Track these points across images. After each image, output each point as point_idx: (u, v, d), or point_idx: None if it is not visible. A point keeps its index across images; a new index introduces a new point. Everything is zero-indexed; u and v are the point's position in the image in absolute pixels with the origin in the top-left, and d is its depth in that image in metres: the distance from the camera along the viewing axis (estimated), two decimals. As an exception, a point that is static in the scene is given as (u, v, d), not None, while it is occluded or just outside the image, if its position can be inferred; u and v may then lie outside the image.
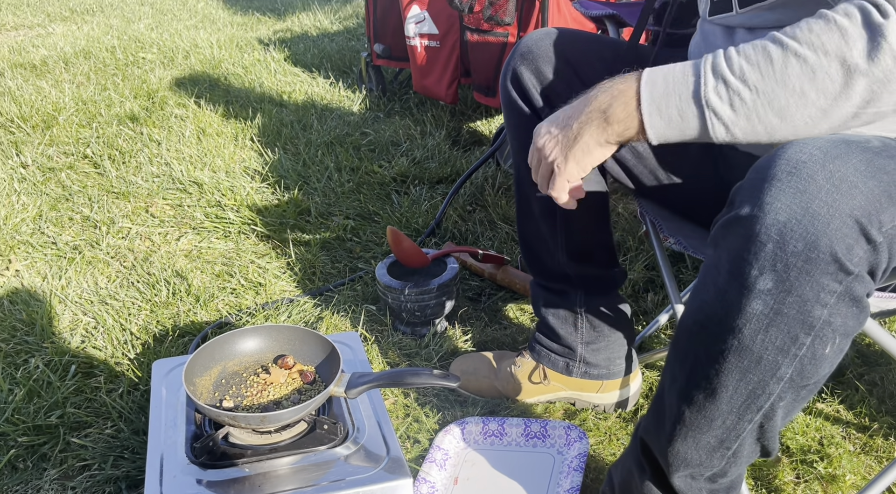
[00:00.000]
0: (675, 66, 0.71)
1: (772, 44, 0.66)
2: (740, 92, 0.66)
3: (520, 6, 2.08)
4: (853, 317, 0.63)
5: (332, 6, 4.25)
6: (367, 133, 2.37)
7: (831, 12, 0.65)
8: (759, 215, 0.61)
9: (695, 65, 0.69)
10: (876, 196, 0.60)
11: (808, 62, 0.64)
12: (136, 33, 3.60)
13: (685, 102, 0.68)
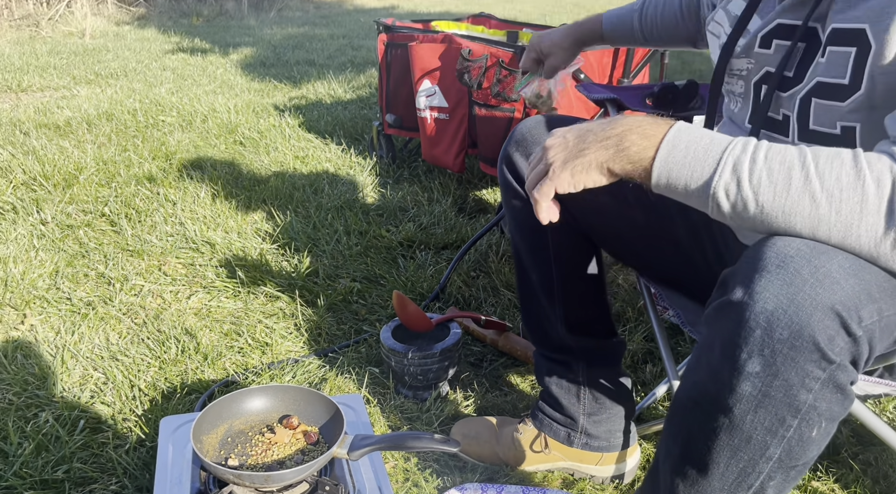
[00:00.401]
0: (703, 138, 0.71)
1: (799, 168, 0.66)
2: (747, 202, 0.67)
3: (526, 83, 2.18)
4: (838, 403, 0.67)
5: (347, 76, 4.43)
6: (376, 198, 2.44)
7: (867, 167, 0.65)
8: (750, 302, 0.65)
9: (721, 147, 0.69)
10: (856, 293, 0.64)
11: (819, 210, 0.65)
12: (158, 97, 3.75)
13: (695, 182, 0.70)
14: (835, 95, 0.76)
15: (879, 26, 0.71)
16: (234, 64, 4.82)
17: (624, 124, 0.74)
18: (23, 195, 2.36)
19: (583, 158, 0.75)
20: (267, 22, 7.18)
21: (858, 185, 0.64)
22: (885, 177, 0.64)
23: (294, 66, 4.78)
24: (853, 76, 0.74)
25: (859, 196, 0.64)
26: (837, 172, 0.65)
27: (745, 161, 0.67)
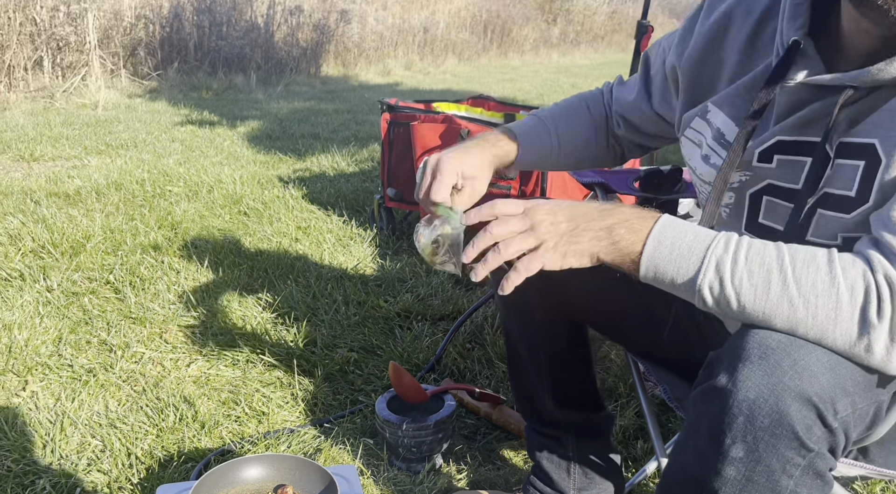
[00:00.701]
0: (687, 233, 0.75)
1: (777, 271, 0.70)
2: (730, 300, 0.72)
3: (521, 162, 2.28)
4: (818, 488, 0.70)
5: (350, 149, 4.58)
6: (376, 269, 2.50)
7: (841, 273, 0.68)
8: (734, 389, 0.68)
9: (704, 244, 0.73)
10: (832, 387, 0.67)
11: (797, 314, 0.69)
12: (166, 167, 3.87)
13: (681, 277, 0.74)
14: (841, 206, 0.78)
15: (889, 141, 0.74)
16: (241, 136, 4.98)
17: (613, 216, 0.78)
18: (31, 263, 2.42)
19: (577, 245, 0.78)
20: (274, 96, 7.44)
21: (833, 291, 0.68)
22: (858, 284, 0.68)
23: (299, 139, 4.94)
24: (861, 189, 0.76)
25: (834, 303, 0.68)
26: (813, 278, 0.69)
27: (728, 261, 0.72)
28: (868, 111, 0.76)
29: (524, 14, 15.42)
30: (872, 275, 0.68)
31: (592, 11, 18.26)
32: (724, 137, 0.92)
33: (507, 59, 13.73)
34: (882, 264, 0.68)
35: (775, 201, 0.87)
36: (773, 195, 0.87)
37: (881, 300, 0.67)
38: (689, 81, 0.97)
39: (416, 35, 11.80)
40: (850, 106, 0.78)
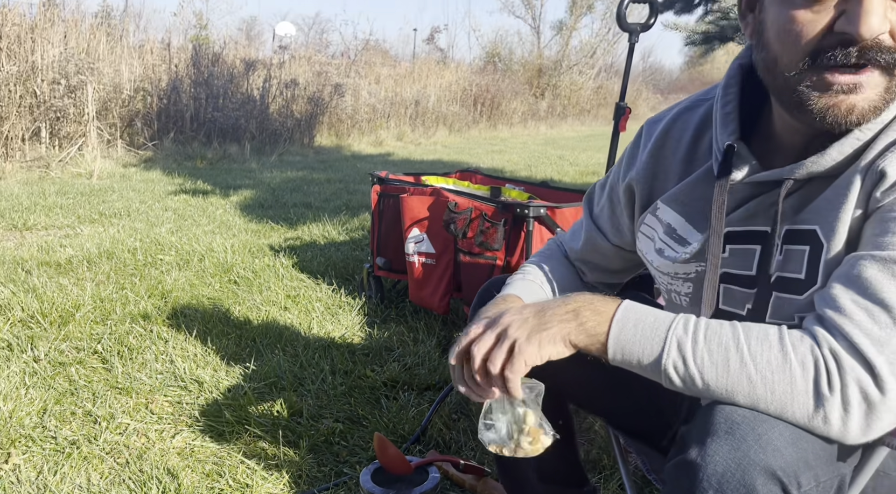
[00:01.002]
0: (648, 315, 0.79)
1: (734, 350, 0.74)
2: (694, 378, 0.76)
3: (507, 234, 2.35)
4: None
5: (341, 218, 4.66)
6: (363, 338, 2.52)
7: (792, 350, 0.72)
8: (703, 463, 0.71)
9: (665, 325, 0.78)
10: (795, 461, 0.70)
11: (756, 391, 0.73)
12: (158, 236, 3.92)
13: (646, 358, 0.78)
14: (794, 289, 0.83)
15: (827, 226, 0.79)
16: (234, 205, 5.06)
17: (577, 301, 0.83)
18: (19, 332, 2.43)
19: (548, 331, 0.81)
20: (268, 165, 7.59)
21: (786, 368, 0.72)
22: (808, 359, 0.72)
23: (291, 208, 5.03)
24: (809, 271, 0.81)
25: (788, 379, 0.72)
26: (767, 356, 0.73)
27: (688, 342, 0.76)
28: (807, 201, 0.83)
29: (513, 88, 15.98)
30: (819, 350, 0.72)
31: (579, 86, 18.95)
32: (675, 232, 0.98)
33: (496, 131, 14.12)
34: (826, 339, 0.72)
35: (732, 287, 0.92)
36: (729, 283, 0.92)
37: (830, 373, 0.71)
38: (642, 194, 1.04)
39: (407, 107, 12.18)
40: (790, 196, 0.84)
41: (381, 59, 14.16)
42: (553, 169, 8.17)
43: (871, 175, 0.76)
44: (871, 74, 0.73)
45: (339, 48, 16.44)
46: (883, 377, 0.69)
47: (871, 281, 0.72)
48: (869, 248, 0.74)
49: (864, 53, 0.72)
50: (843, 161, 0.79)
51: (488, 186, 2.96)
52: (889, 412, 0.70)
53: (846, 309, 0.72)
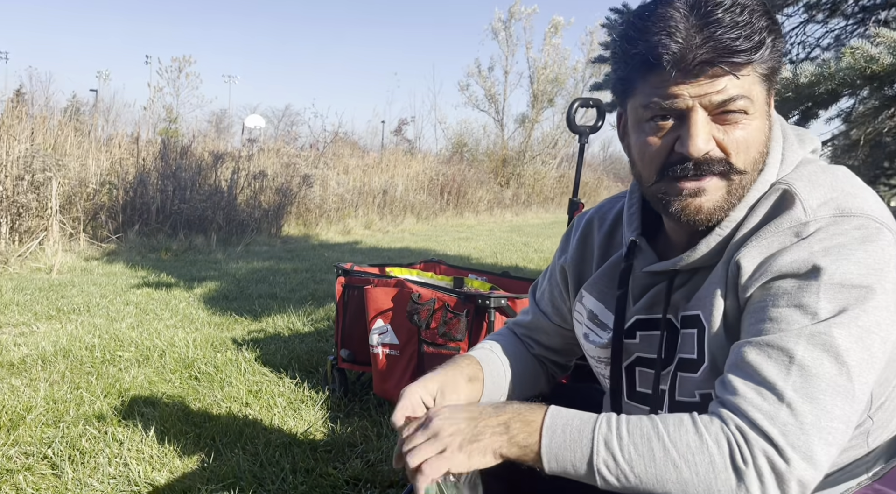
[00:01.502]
0: (573, 419, 0.84)
1: (656, 439, 0.79)
2: (626, 474, 0.80)
3: (470, 325, 2.38)
4: None
5: (307, 308, 4.64)
6: (326, 433, 2.47)
7: (705, 431, 0.78)
8: None
9: (590, 427, 0.83)
10: None
11: (683, 475, 0.78)
12: (118, 332, 3.84)
13: (579, 462, 0.82)
14: (690, 368, 0.92)
15: (707, 310, 0.90)
16: (198, 298, 5.01)
17: (507, 411, 0.87)
18: (-36, 437, 2.32)
19: (479, 443, 0.85)
20: (234, 256, 7.58)
21: (704, 448, 0.77)
22: (720, 438, 0.78)
23: (256, 299, 4.99)
24: (699, 352, 0.91)
25: (708, 459, 0.77)
26: (686, 440, 0.78)
27: (614, 438, 0.81)
28: (694, 289, 0.94)
29: (479, 177, 16.43)
30: (728, 428, 0.78)
31: (542, 175, 19.57)
32: (596, 318, 1.08)
33: (463, 219, 14.39)
34: (731, 418, 0.79)
35: (646, 370, 1.00)
36: (642, 366, 1.01)
37: (741, 448, 0.76)
38: (573, 278, 1.16)
39: (375, 196, 12.39)
40: (684, 286, 0.95)
41: (350, 151, 14.52)
42: (518, 256, 8.31)
43: (733, 267, 0.87)
44: (710, 180, 0.88)
45: (308, 140, 16.85)
46: (782, 447, 0.75)
47: (753, 365, 0.80)
48: (747, 336, 0.84)
49: (699, 166, 0.87)
50: (712, 254, 0.91)
51: (451, 276, 3.01)
52: (795, 479, 0.75)
53: (739, 391, 0.80)
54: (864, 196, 0.86)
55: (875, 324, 0.79)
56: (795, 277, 0.81)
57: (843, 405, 0.77)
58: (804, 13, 3.09)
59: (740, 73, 0.84)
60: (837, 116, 2.82)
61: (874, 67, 1.53)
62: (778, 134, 0.93)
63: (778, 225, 0.85)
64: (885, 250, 0.82)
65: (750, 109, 0.86)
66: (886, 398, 0.91)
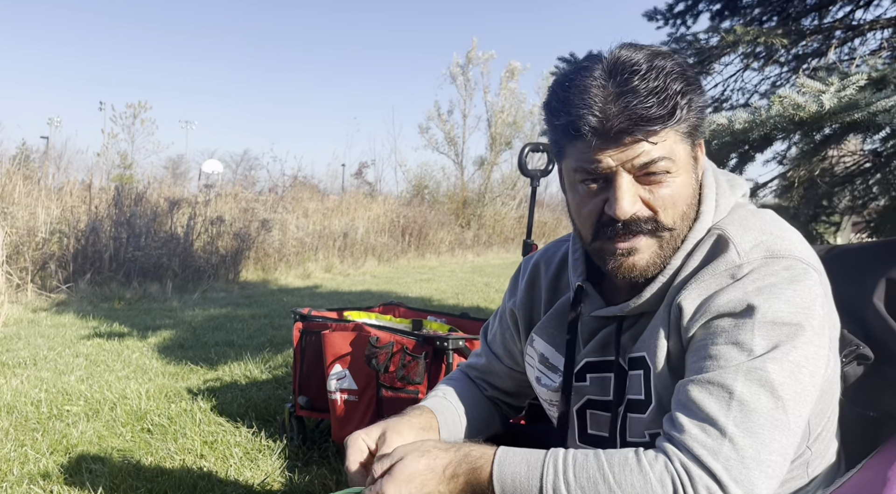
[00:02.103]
0: (522, 463, 0.86)
1: (602, 481, 0.81)
2: None
3: (428, 367, 2.37)
4: None
5: (264, 355, 4.55)
6: (284, 483, 2.41)
7: (649, 469, 0.81)
8: None
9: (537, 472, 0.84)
10: None
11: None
12: (66, 385, 3.71)
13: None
14: (639, 408, 0.95)
15: (651, 351, 0.94)
16: (152, 347, 4.88)
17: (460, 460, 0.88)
18: None
19: None
20: (190, 303, 7.42)
21: (649, 488, 0.80)
22: (664, 476, 0.80)
23: (212, 347, 4.89)
24: (646, 392, 0.94)
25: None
26: (630, 480, 0.80)
27: (561, 484, 0.83)
28: (640, 332, 0.98)
29: (439, 219, 16.54)
30: (672, 465, 0.80)
31: (502, 216, 19.80)
32: (547, 361, 1.10)
33: (424, 260, 14.40)
34: (676, 454, 0.81)
35: (597, 412, 1.03)
36: (593, 408, 1.04)
37: (684, 485, 0.78)
38: (523, 321, 1.19)
39: (336, 239, 12.34)
40: (631, 329, 0.99)
41: (310, 194, 14.50)
42: (480, 296, 8.34)
43: (675, 309, 0.91)
44: (640, 239, 0.92)
45: (267, 184, 16.79)
46: (724, 482, 0.78)
47: (695, 402, 0.84)
48: (690, 374, 0.87)
49: (628, 226, 0.91)
50: (655, 299, 0.95)
51: (410, 318, 3.01)
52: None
53: (684, 428, 0.82)
54: (791, 238, 0.92)
55: (804, 358, 0.83)
56: (732, 315, 0.85)
57: (780, 438, 0.80)
58: (742, 61, 3.27)
59: (657, 138, 0.88)
60: (773, 158, 2.97)
61: (801, 113, 1.63)
62: (711, 181, 0.99)
63: (714, 268, 0.89)
64: (811, 289, 0.87)
65: (672, 168, 0.91)
66: (822, 428, 0.94)
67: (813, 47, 2.95)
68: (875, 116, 1.61)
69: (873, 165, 2.82)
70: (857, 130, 1.86)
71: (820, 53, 2.97)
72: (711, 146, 1.93)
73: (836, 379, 0.95)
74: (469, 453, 0.89)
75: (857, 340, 1.01)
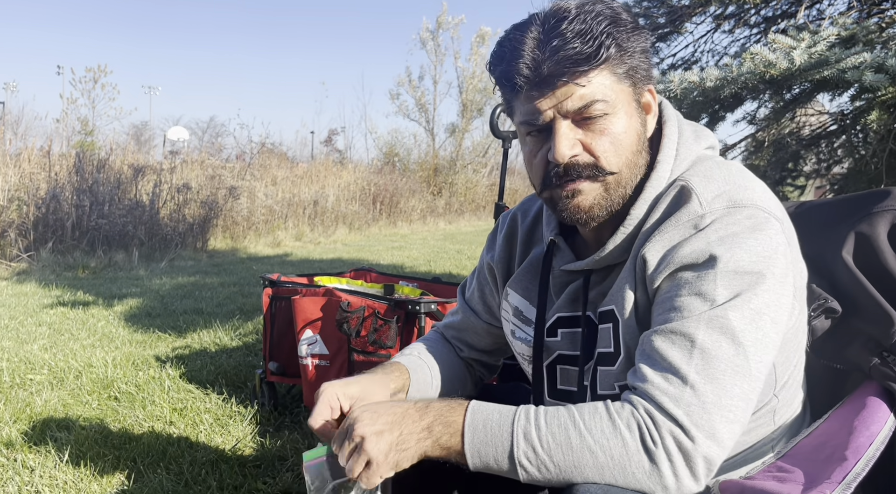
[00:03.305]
0: (493, 413, 0.86)
1: (573, 427, 0.82)
2: (546, 463, 0.82)
3: (400, 331, 2.36)
4: None
5: (234, 323, 4.51)
6: (255, 448, 2.40)
7: (617, 416, 0.82)
8: None
9: (509, 420, 0.85)
10: None
11: (599, 460, 0.81)
12: (28, 354, 3.63)
13: (500, 456, 0.84)
14: (608, 361, 0.96)
15: (620, 305, 0.94)
16: (118, 316, 4.80)
17: (429, 414, 0.88)
18: None
19: (406, 451, 0.87)
20: (157, 272, 7.30)
21: (616, 433, 0.80)
22: (631, 422, 0.81)
23: (181, 315, 4.82)
24: (615, 345, 0.94)
25: (621, 442, 0.80)
26: (600, 426, 0.81)
27: (532, 430, 0.83)
28: (609, 285, 0.98)
29: (411, 187, 16.42)
30: (637, 412, 0.81)
31: (474, 184, 19.74)
32: (522, 314, 1.09)
33: (396, 228, 14.34)
34: (640, 403, 0.82)
35: (567, 367, 1.03)
36: (564, 363, 1.04)
37: (650, 430, 0.80)
38: (501, 274, 1.18)
39: (306, 208, 12.19)
40: (600, 284, 0.99)
41: (278, 162, 14.25)
42: (452, 263, 8.35)
43: (640, 261, 0.91)
44: (583, 183, 0.94)
45: (235, 151, 16.45)
46: (687, 427, 0.79)
47: (658, 351, 0.84)
48: (655, 325, 0.88)
49: (568, 171, 0.93)
50: (621, 251, 0.96)
51: (382, 283, 2.99)
52: (701, 456, 0.79)
53: (647, 377, 0.83)
54: (754, 188, 0.92)
55: (766, 306, 0.84)
56: (695, 266, 0.86)
57: (741, 383, 0.82)
58: (712, 23, 3.25)
59: (585, 79, 0.89)
60: (744, 118, 2.98)
61: (772, 71, 1.63)
62: (673, 130, 0.98)
63: (677, 219, 0.89)
64: (772, 237, 0.87)
65: (610, 110, 0.91)
66: (789, 377, 0.96)
67: (782, 9, 2.95)
68: (844, 72, 1.61)
69: (839, 127, 2.85)
70: (827, 87, 1.87)
71: (789, 15, 2.96)
72: (682, 107, 1.92)
73: (802, 328, 0.96)
74: (441, 408, 0.89)
75: (825, 294, 1.02)
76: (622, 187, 0.94)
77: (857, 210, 1.03)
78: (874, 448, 0.82)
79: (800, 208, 1.15)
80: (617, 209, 0.96)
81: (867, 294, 0.96)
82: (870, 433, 0.84)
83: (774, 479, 0.81)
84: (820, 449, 0.85)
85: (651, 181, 0.95)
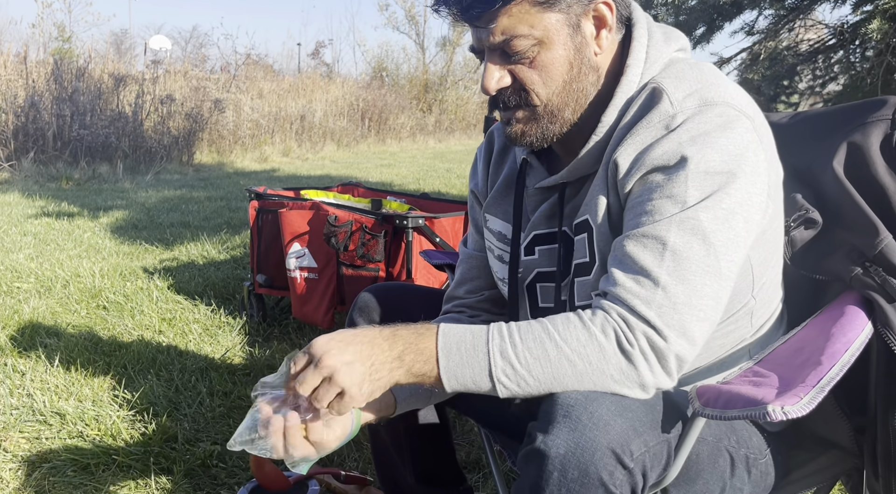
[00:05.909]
0: (465, 334, 0.84)
1: (548, 339, 0.82)
2: (525, 378, 0.82)
3: (388, 246, 2.36)
4: None
5: (222, 237, 4.50)
6: (244, 358, 2.44)
7: (591, 323, 0.82)
8: (546, 449, 0.77)
9: (483, 339, 0.83)
10: (625, 431, 0.78)
11: (577, 368, 0.81)
12: (14, 263, 3.62)
13: (478, 376, 0.83)
14: (584, 271, 0.95)
15: (593, 214, 0.93)
16: (104, 228, 4.77)
17: (399, 342, 0.85)
18: None
19: (379, 382, 0.84)
20: (143, 185, 7.21)
21: (592, 339, 0.81)
22: (606, 327, 0.82)
23: (168, 228, 4.80)
24: (590, 254, 0.94)
25: (598, 347, 0.81)
26: (575, 335, 0.82)
27: (508, 346, 0.83)
28: (583, 197, 0.97)
29: (400, 103, 16.07)
30: (610, 317, 0.82)
31: (465, 101, 19.34)
32: (505, 237, 1.08)
33: (385, 146, 14.14)
34: (613, 308, 0.83)
35: (547, 285, 1.03)
36: (543, 281, 1.03)
37: (624, 333, 0.81)
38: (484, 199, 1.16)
39: (293, 122, 11.95)
40: (575, 197, 0.99)
41: (264, 74, 13.84)
42: (441, 182, 8.29)
43: (612, 166, 0.90)
44: (515, 112, 0.96)
45: (219, 63, 15.93)
46: (659, 327, 0.81)
47: (630, 255, 0.84)
48: (626, 229, 0.87)
49: (498, 101, 0.96)
50: (593, 160, 0.95)
51: (369, 198, 2.97)
52: (673, 354, 0.81)
53: (619, 282, 0.84)
54: (726, 85, 0.90)
55: (737, 205, 0.84)
56: (666, 168, 0.85)
57: (711, 282, 0.83)
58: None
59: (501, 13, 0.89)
60: (742, 28, 2.88)
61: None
62: (642, 33, 0.95)
63: (649, 120, 0.88)
64: (743, 135, 0.85)
65: (534, 41, 0.91)
66: (766, 278, 0.96)
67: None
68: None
69: (837, 42, 2.77)
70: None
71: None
72: (679, 15, 1.84)
73: (779, 226, 0.96)
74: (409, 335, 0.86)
75: (807, 205, 1.01)
76: (557, 114, 0.95)
77: (852, 120, 1.01)
78: (850, 354, 0.83)
79: (794, 119, 1.13)
80: (560, 135, 0.96)
81: (854, 204, 0.96)
82: (846, 339, 0.85)
83: (750, 383, 0.83)
84: (796, 355, 0.87)
85: (621, 86, 0.93)
